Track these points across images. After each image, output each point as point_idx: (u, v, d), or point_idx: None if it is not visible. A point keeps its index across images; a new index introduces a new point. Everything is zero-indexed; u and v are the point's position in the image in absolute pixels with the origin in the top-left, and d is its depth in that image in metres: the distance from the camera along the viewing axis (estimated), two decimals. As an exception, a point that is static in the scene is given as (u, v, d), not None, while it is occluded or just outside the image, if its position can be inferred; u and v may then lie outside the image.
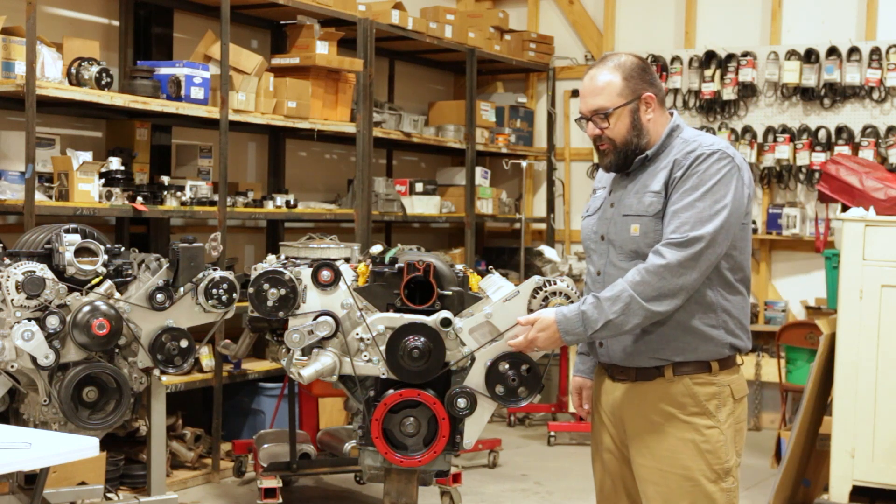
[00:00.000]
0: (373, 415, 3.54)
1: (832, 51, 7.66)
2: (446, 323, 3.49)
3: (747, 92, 8.00)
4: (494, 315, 3.47)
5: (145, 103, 5.55)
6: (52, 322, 3.94)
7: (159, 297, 4.17)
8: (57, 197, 5.29)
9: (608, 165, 3.21)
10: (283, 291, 3.65)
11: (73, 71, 5.28)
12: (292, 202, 6.58)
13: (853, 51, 7.60)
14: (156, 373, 4.36)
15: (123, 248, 4.28)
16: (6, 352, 3.91)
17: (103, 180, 5.49)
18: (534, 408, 7.72)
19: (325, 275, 3.63)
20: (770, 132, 7.93)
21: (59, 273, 4.05)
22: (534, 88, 9.23)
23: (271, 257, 4.19)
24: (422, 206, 7.80)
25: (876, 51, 7.54)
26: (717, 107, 8.10)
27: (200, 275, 4.24)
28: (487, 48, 8.25)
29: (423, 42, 7.68)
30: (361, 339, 3.56)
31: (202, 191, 6.01)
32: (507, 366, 3.47)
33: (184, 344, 4.21)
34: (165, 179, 5.96)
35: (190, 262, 4.23)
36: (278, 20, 7.02)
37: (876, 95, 7.59)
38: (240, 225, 7.23)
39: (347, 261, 4.07)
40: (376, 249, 3.77)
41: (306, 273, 3.67)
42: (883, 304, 5.21)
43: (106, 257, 4.15)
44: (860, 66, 7.58)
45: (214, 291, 4.22)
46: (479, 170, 8.35)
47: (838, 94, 7.69)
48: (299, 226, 7.40)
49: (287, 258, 4.11)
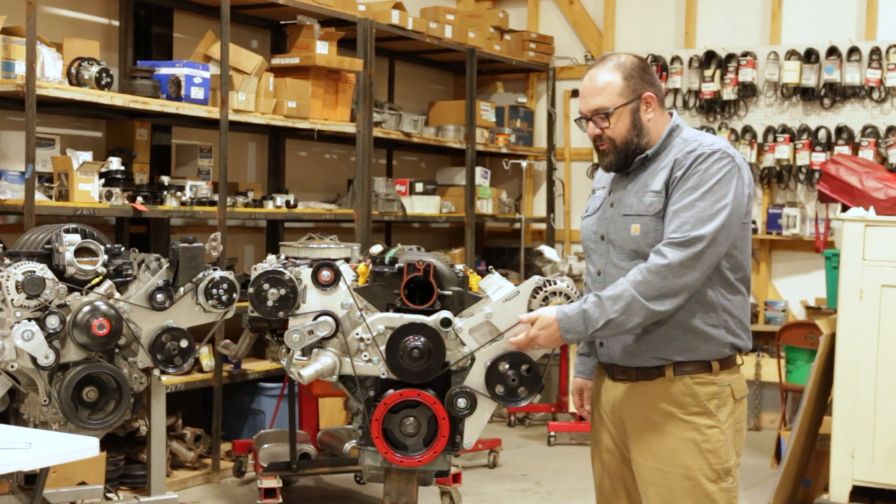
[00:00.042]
0: (373, 415, 3.54)
1: (832, 51, 7.66)
2: (446, 323, 3.49)
3: (747, 92, 8.00)
4: (494, 315, 3.47)
5: (145, 103, 5.55)
6: (52, 322, 3.94)
7: (159, 297, 4.17)
8: (57, 197, 5.29)
9: (608, 165, 3.21)
10: (283, 291, 3.65)
11: (73, 71, 5.28)
12: (292, 202, 6.58)
13: (853, 51, 7.60)
14: (156, 373, 4.36)
15: (123, 248, 4.28)
16: (6, 352, 3.91)
17: (103, 180, 5.49)
18: (534, 408, 7.72)
19: (325, 275, 3.63)
20: (770, 132, 7.93)
21: (59, 273, 4.04)
22: (534, 88, 9.23)
23: (271, 257, 4.19)
24: (422, 206, 7.80)
25: (876, 51, 7.54)
26: (717, 107, 8.10)
27: (200, 275, 4.24)
28: (487, 48, 8.25)
29: (423, 42, 7.68)
30: (361, 339, 3.56)
31: (202, 191, 6.01)
32: (507, 366, 3.47)
33: (184, 344, 4.21)
34: (165, 179, 5.96)
35: (190, 262, 4.23)
36: (278, 20, 7.02)
37: (876, 95, 7.59)
38: (240, 225, 7.23)
39: (347, 261, 4.07)
40: (376, 249, 3.77)
41: (306, 273, 3.66)
42: (883, 304, 5.21)
43: (106, 257, 4.15)
44: (860, 66, 7.58)
45: (214, 291, 4.22)
46: (479, 170, 8.35)
47: (838, 94, 7.69)
48: (299, 226, 7.40)
49: (287, 258, 4.11)
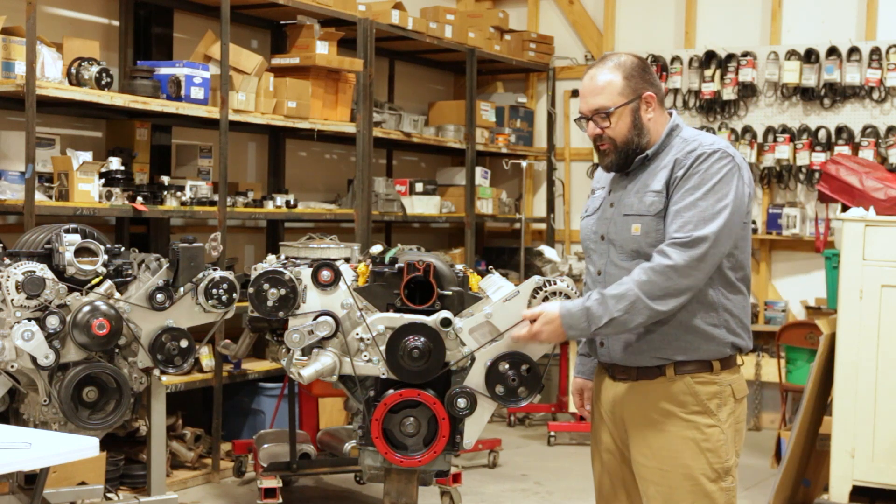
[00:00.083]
0: (373, 415, 3.54)
1: (832, 51, 7.66)
2: (446, 323, 3.49)
3: (747, 92, 7.99)
4: (494, 315, 3.48)
5: (145, 103, 5.55)
6: (52, 322, 3.94)
7: (159, 297, 4.17)
8: (57, 197, 5.29)
9: (609, 165, 3.21)
10: (283, 291, 3.65)
11: (73, 71, 5.28)
12: (292, 202, 6.58)
13: (853, 51, 7.60)
14: (156, 373, 4.36)
15: (123, 248, 4.28)
16: (6, 352, 3.91)
17: (103, 180, 5.49)
18: (534, 408, 7.72)
19: (325, 275, 3.64)
20: (770, 132, 7.93)
21: (59, 273, 4.04)
22: (534, 88, 9.23)
23: (271, 257, 4.19)
24: (422, 206, 7.80)
25: (876, 51, 7.54)
26: (717, 107, 8.10)
27: (200, 275, 4.24)
28: (487, 48, 8.25)
29: (423, 42, 7.68)
30: (361, 339, 3.56)
31: (202, 191, 6.01)
32: (507, 366, 3.48)
33: (184, 344, 4.21)
34: (165, 179, 5.96)
35: (190, 262, 4.23)
36: (278, 20, 7.02)
37: (876, 95, 7.59)
38: (240, 225, 7.23)
39: (347, 261, 4.07)
40: (376, 249, 3.77)
41: (306, 273, 3.67)
42: (883, 304, 5.21)
43: (106, 257, 4.15)
44: (860, 66, 7.58)
45: (214, 291, 4.22)
46: (479, 170, 8.35)
47: (838, 94, 7.69)
48: (299, 226, 7.40)
49: (287, 258, 4.11)
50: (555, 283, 3.41)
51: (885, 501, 5.31)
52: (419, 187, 7.87)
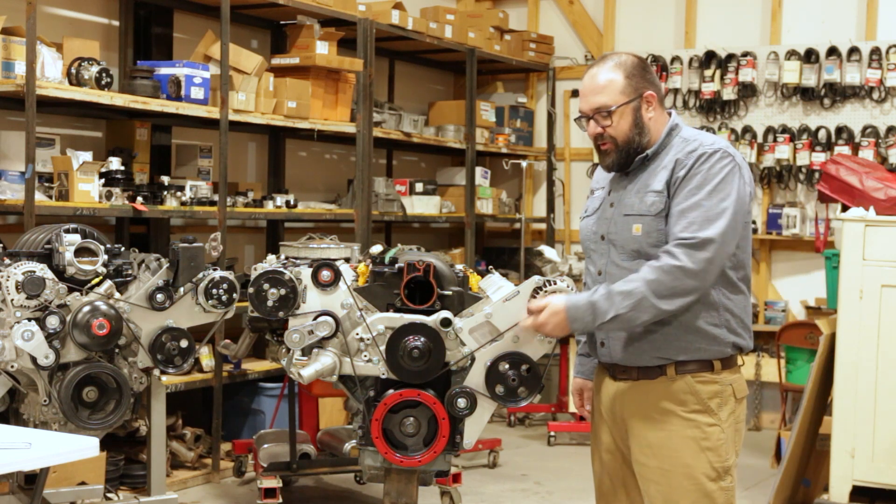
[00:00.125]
0: (373, 415, 3.54)
1: (832, 51, 7.66)
2: (446, 323, 3.49)
3: (747, 92, 7.99)
4: (494, 315, 3.48)
5: (145, 103, 5.55)
6: (52, 322, 3.94)
7: (159, 297, 4.17)
8: (57, 197, 5.29)
9: (610, 165, 3.20)
10: (283, 291, 3.65)
11: (73, 71, 5.28)
12: (292, 202, 6.58)
13: (853, 51, 7.60)
14: (156, 373, 4.36)
15: (123, 248, 4.27)
16: (6, 352, 3.91)
17: (103, 180, 5.49)
18: (534, 408, 7.72)
19: (325, 275, 3.64)
20: (770, 132, 7.93)
21: (59, 273, 4.04)
22: (534, 88, 9.23)
23: (271, 257, 4.19)
24: (422, 206, 7.80)
25: (876, 51, 7.54)
26: (717, 107, 8.10)
27: (200, 275, 4.24)
28: (487, 48, 8.25)
29: (423, 42, 7.68)
30: (361, 339, 3.56)
31: (202, 191, 6.01)
32: (507, 366, 3.48)
33: (184, 344, 4.21)
34: (165, 179, 5.96)
35: (190, 262, 4.23)
36: (278, 20, 7.02)
37: (876, 95, 7.59)
38: (240, 225, 7.23)
39: (347, 261, 4.07)
40: (376, 249, 3.77)
41: (306, 273, 3.67)
42: (883, 304, 5.21)
43: (106, 257, 4.15)
44: (860, 66, 7.58)
45: (214, 291, 4.22)
46: (479, 170, 8.34)
47: (838, 94, 7.69)
48: (299, 226, 7.40)
49: (287, 258, 4.11)
50: (555, 283, 3.41)
51: (885, 501, 5.31)
52: (419, 187, 7.87)
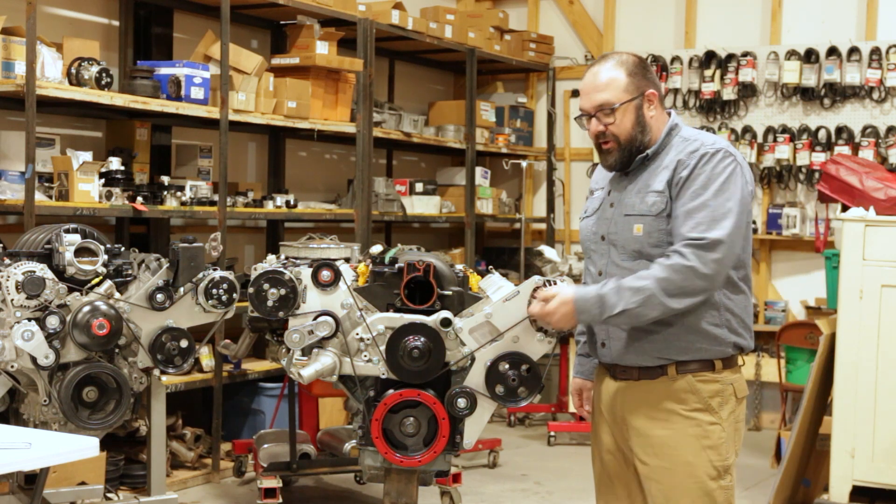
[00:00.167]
0: (373, 415, 3.54)
1: (832, 51, 7.66)
2: (446, 323, 3.49)
3: (747, 92, 7.99)
4: (494, 315, 3.48)
5: (145, 103, 5.55)
6: (52, 322, 3.94)
7: (159, 297, 4.17)
8: (57, 197, 5.29)
9: (613, 164, 3.19)
10: (283, 291, 3.65)
11: (73, 71, 5.28)
12: (292, 202, 6.58)
13: (853, 51, 7.60)
14: (156, 373, 4.36)
15: (123, 248, 4.28)
16: (6, 352, 3.91)
17: (103, 180, 5.49)
18: (534, 408, 7.72)
19: (325, 275, 3.64)
20: (770, 132, 7.93)
21: (59, 273, 4.04)
22: (534, 88, 9.23)
23: (271, 257, 4.19)
24: (422, 206, 7.80)
25: (876, 51, 7.54)
26: (717, 107, 8.10)
27: (200, 275, 4.24)
28: (487, 48, 8.25)
29: (423, 42, 7.68)
30: (361, 339, 3.56)
31: (202, 191, 6.01)
32: (507, 366, 3.48)
33: (184, 344, 4.21)
34: (165, 179, 5.96)
35: (190, 262, 4.23)
36: (278, 20, 7.02)
37: (876, 95, 7.59)
38: (240, 225, 7.23)
39: (347, 261, 4.07)
40: (376, 249, 3.77)
41: (306, 273, 3.67)
42: (883, 304, 5.21)
43: (106, 257, 4.15)
44: (860, 66, 7.58)
45: (214, 291, 4.22)
46: (479, 170, 8.34)
47: (838, 94, 7.69)
48: (299, 226, 7.40)
49: (287, 258, 4.11)
50: (555, 284, 3.41)
51: (885, 501, 5.31)
52: (419, 187, 7.87)
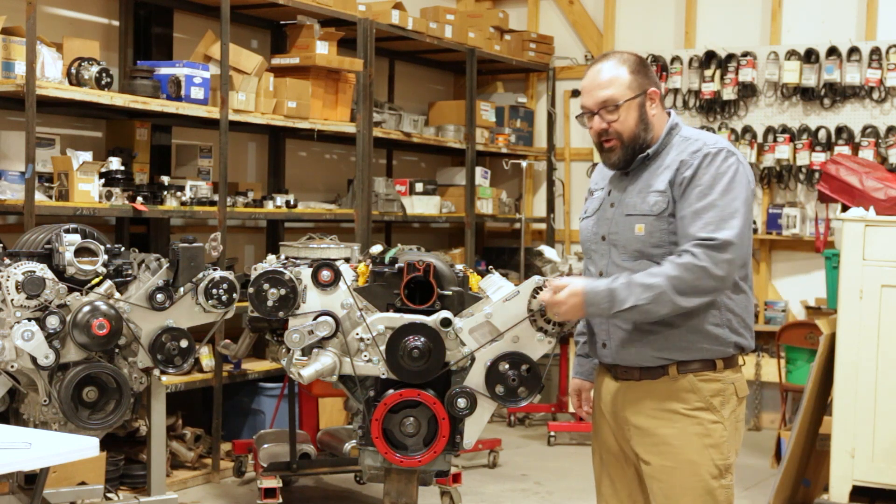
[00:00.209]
0: (373, 415, 3.54)
1: (832, 51, 7.66)
2: (446, 323, 3.49)
3: (747, 92, 7.99)
4: (494, 315, 3.48)
5: (145, 103, 5.55)
6: (52, 322, 3.94)
7: (159, 297, 4.17)
8: (57, 197, 5.29)
9: (615, 162, 3.18)
10: (283, 291, 3.65)
11: (73, 71, 5.28)
12: (292, 202, 6.58)
13: (853, 51, 7.60)
14: (156, 373, 4.36)
15: (123, 248, 4.28)
16: (6, 352, 3.91)
17: (103, 180, 5.49)
18: (534, 408, 7.72)
19: (325, 275, 3.64)
20: (770, 132, 7.93)
21: (59, 273, 4.04)
22: (534, 88, 9.23)
23: (271, 257, 4.19)
24: (422, 206, 7.80)
25: (876, 51, 7.54)
26: (717, 107, 8.10)
27: (200, 275, 4.24)
28: (487, 48, 8.25)
29: (423, 42, 7.68)
30: (361, 339, 3.56)
31: (202, 191, 6.01)
32: (507, 366, 3.48)
33: (184, 344, 4.21)
34: (165, 179, 5.96)
35: (190, 262, 4.23)
36: (278, 20, 7.02)
37: (876, 95, 7.59)
38: (240, 225, 7.23)
39: (347, 261, 4.07)
40: (376, 249, 3.77)
41: (306, 273, 3.67)
42: (883, 304, 5.21)
43: (106, 257, 4.15)
44: (860, 66, 7.58)
45: (214, 291, 4.22)
46: (479, 170, 8.35)
47: (838, 94, 7.69)
48: (299, 226, 7.40)
49: (287, 258, 4.11)
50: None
51: (885, 501, 5.31)
52: (419, 187, 7.87)
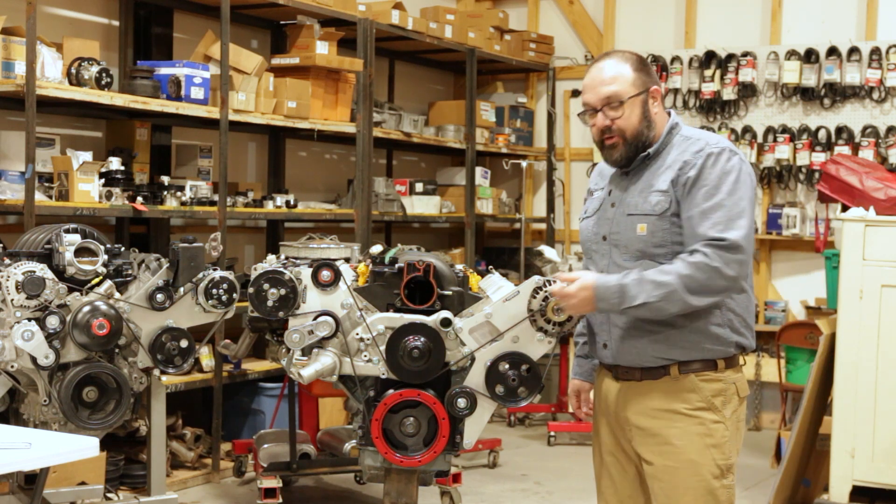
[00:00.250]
0: (373, 415, 3.54)
1: (832, 51, 7.66)
2: (446, 323, 3.49)
3: (747, 92, 7.99)
4: (494, 315, 3.48)
5: (145, 103, 5.55)
6: (52, 322, 3.94)
7: (159, 297, 4.17)
8: (57, 197, 5.29)
9: (618, 158, 3.18)
10: (283, 291, 3.65)
11: (73, 71, 5.28)
12: (292, 202, 6.58)
13: (853, 51, 7.60)
14: (156, 373, 4.36)
15: (123, 248, 4.28)
16: (6, 352, 3.91)
17: (103, 180, 5.49)
18: (534, 408, 7.72)
19: (325, 275, 3.64)
20: (770, 132, 7.93)
21: (59, 273, 4.04)
22: (534, 88, 9.23)
23: (271, 257, 4.19)
24: (422, 206, 7.80)
25: (876, 51, 7.54)
26: (717, 107, 8.10)
27: (200, 275, 4.24)
28: (487, 48, 8.25)
29: (423, 42, 7.68)
30: (361, 339, 3.56)
31: (202, 191, 6.01)
32: (507, 366, 3.48)
33: (184, 344, 4.21)
34: (165, 179, 5.96)
35: (190, 262, 4.23)
36: (278, 20, 7.02)
37: (876, 95, 7.59)
38: (240, 225, 7.23)
39: (347, 261, 4.07)
40: (376, 249, 3.77)
41: (306, 273, 3.67)
42: (883, 304, 5.21)
43: (106, 257, 4.15)
44: (860, 66, 7.58)
45: (214, 291, 4.22)
46: (479, 170, 8.35)
47: (838, 94, 7.69)
48: (299, 226, 7.40)
49: (287, 258, 4.11)
50: (555, 283, 3.41)
51: (885, 501, 5.31)
52: (419, 187, 7.87)
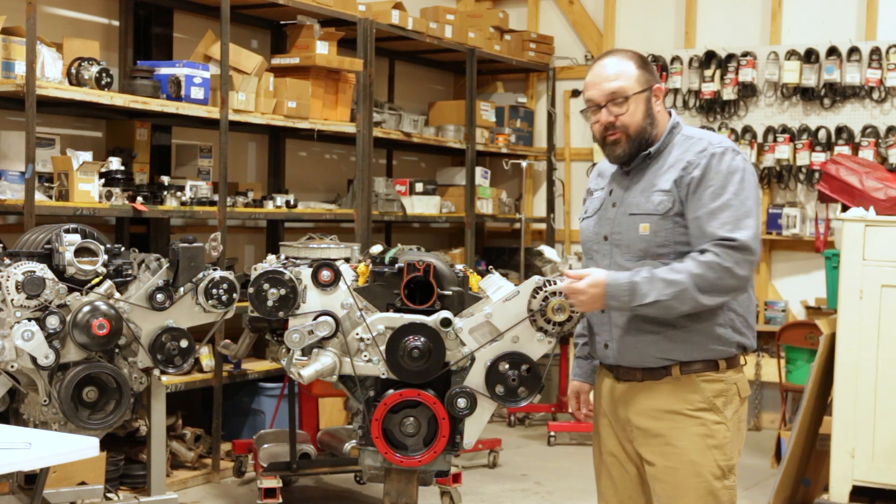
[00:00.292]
0: (373, 415, 3.54)
1: (832, 51, 7.66)
2: (446, 323, 3.49)
3: (747, 92, 7.99)
4: (494, 315, 3.48)
5: (145, 103, 5.55)
6: (52, 322, 3.94)
7: (159, 297, 4.17)
8: (57, 197, 5.29)
9: (621, 155, 3.17)
10: (283, 291, 3.65)
11: (73, 71, 5.28)
12: (292, 202, 6.58)
13: (853, 51, 7.60)
14: (156, 373, 4.36)
15: (123, 248, 4.28)
16: (6, 352, 3.91)
17: (103, 180, 5.49)
18: (534, 408, 7.72)
19: (325, 275, 3.64)
20: (770, 132, 7.93)
21: (59, 273, 4.04)
22: (534, 88, 9.23)
23: (271, 257, 4.19)
24: (422, 206, 7.80)
25: (876, 51, 7.54)
26: (717, 107, 8.10)
27: (200, 275, 4.24)
28: (487, 48, 8.25)
29: (423, 42, 7.68)
30: (361, 339, 3.56)
31: (202, 191, 6.01)
32: (507, 366, 3.48)
33: (184, 344, 4.21)
34: (165, 179, 5.96)
35: (190, 262, 4.23)
36: (278, 20, 7.02)
37: (876, 95, 7.59)
38: (240, 225, 7.23)
39: (347, 261, 4.07)
40: (376, 249, 3.77)
41: (306, 273, 3.67)
42: (883, 304, 5.21)
43: (106, 257, 4.15)
44: (860, 66, 7.58)
45: (214, 291, 4.22)
46: (479, 170, 8.35)
47: (838, 94, 7.69)
48: (299, 226, 7.40)
49: (287, 258, 4.11)
50: (555, 283, 3.41)
51: (885, 501, 5.31)
52: (419, 187, 7.87)
